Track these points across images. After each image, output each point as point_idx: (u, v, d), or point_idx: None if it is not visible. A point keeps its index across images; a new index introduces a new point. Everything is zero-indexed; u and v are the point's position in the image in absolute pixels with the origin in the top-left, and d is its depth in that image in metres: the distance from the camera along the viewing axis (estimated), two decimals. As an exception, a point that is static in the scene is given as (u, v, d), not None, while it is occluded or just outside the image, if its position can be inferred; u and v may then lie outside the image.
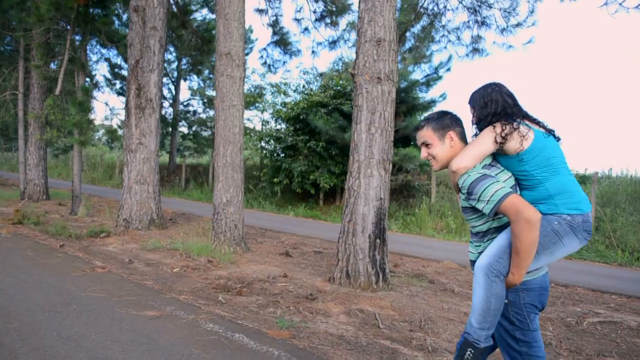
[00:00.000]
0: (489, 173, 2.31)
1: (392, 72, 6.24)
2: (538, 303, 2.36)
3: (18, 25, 13.77)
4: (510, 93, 2.49)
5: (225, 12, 8.08)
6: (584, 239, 2.30)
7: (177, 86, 26.03)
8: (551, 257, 2.32)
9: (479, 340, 2.29)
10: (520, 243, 2.15)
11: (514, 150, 2.32)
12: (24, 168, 14.41)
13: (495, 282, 2.26)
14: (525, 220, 2.11)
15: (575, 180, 2.36)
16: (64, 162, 30.04)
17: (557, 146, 2.40)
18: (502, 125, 2.34)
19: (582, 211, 2.27)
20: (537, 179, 2.32)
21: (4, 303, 4.80)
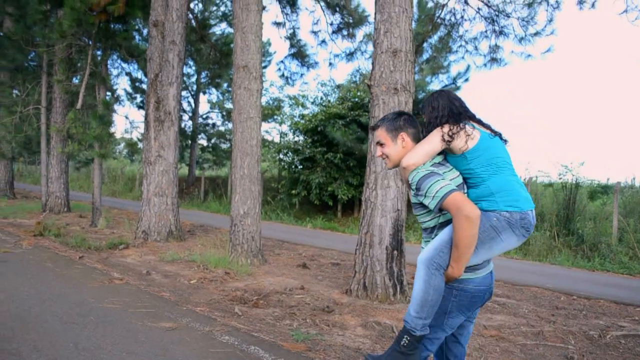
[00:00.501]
0: (437, 171, 2.40)
1: (409, 82, 6.21)
2: (469, 305, 2.46)
3: (41, 41, 14.05)
4: (457, 97, 2.63)
5: (243, 26, 8.15)
6: (522, 236, 2.39)
7: (196, 99, 26.30)
8: (490, 252, 2.41)
9: (415, 328, 2.36)
10: (459, 238, 2.23)
11: (461, 149, 2.43)
12: (46, 181, 14.61)
13: (434, 275, 2.33)
14: (464, 217, 2.20)
15: (518, 181, 2.47)
16: (85, 174, 30.47)
17: (502, 147, 2.52)
18: (450, 125, 2.46)
19: (521, 209, 2.36)
20: (481, 177, 2.43)
21: (23, 314, 4.85)
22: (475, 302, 2.47)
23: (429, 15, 13.06)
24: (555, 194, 13.65)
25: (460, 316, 2.47)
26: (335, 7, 13.77)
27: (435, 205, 2.30)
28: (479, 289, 2.45)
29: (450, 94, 2.65)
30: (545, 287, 7.57)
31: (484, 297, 2.50)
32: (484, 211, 2.37)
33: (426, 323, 2.37)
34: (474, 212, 2.21)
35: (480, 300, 2.49)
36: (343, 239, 12.38)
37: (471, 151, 2.43)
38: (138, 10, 11.34)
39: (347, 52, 14.78)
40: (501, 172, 2.43)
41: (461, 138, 2.42)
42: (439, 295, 2.35)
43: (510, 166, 2.49)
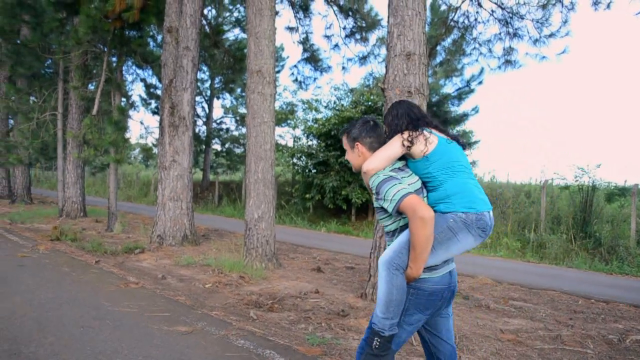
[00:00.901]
0: (395, 175, 2.50)
1: (423, 85, 6.18)
2: (428, 304, 2.52)
3: (57, 49, 14.22)
4: (416, 106, 2.77)
5: (256, 31, 8.19)
6: (479, 236, 2.48)
7: (210, 104, 26.46)
8: (447, 252, 2.48)
9: (383, 329, 2.44)
10: (415, 239, 2.32)
11: (420, 153, 2.53)
12: (62, 186, 14.77)
13: (395, 275, 2.42)
14: (419, 218, 2.29)
15: (475, 184, 2.56)
16: (100, 179, 30.77)
17: (460, 152, 2.63)
18: (409, 131, 2.56)
19: (477, 210, 2.45)
20: (438, 180, 2.52)
21: (40, 318, 4.90)
22: (434, 300, 2.52)
23: (442, 18, 13.02)
24: (571, 196, 13.51)
25: (418, 314, 2.52)
26: (348, 11, 13.79)
27: (393, 208, 2.39)
28: (436, 288, 2.51)
29: (410, 103, 2.78)
30: (563, 291, 7.48)
31: (443, 296, 2.55)
32: (441, 213, 2.47)
33: (394, 323, 2.45)
34: (428, 213, 2.30)
35: (440, 298, 2.54)
36: (357, 243, 12.35)
37: (430, 155, 2.52)
38: (152, 17, 11.44)
39: (360, 56, 14.79)
40: (458, 176, 2.52)
41: (421, 142, 2.52)
42: (402, 294, 2.43)
43: (467, 170, 2.58)
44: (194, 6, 10.13)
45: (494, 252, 11.65)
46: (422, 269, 2.42)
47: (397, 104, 2.77)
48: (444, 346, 2.75)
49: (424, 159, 2.53)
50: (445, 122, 15.65)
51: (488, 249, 11.88)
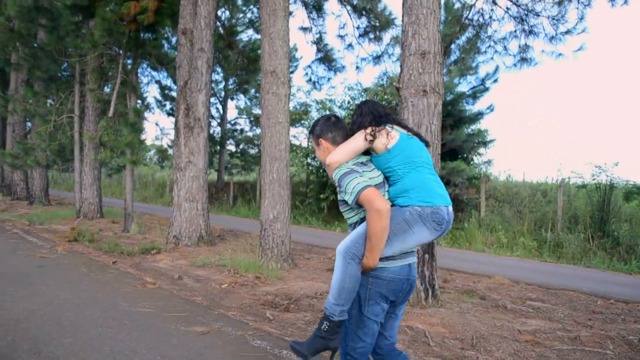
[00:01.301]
0: (357, 169, 2.59)
1: (438, 84, 6.15)
2: (388, 293, 2.59)
3: (73, 52, 14.37)
4: (381, 104, 2.87)
5: (270, 31, 8.20)
6: (434, 229, 2.55)
7: (224, 105, 26.58)
8: (403, 244, 2.55)
9: (333, 314, 2.52)
10: (371, 230, 2.42)
11: (382, 146, 2.62)
12: (79, 187, 14.92)
13: (350, 264, 2.50)
14: (375, 210, 2.39)
15: (435, 179, 2.65)
16: (116, 181, 31.06)
17: (421, 148, 2.72)
18: (372, 127, 2.67)
19: (433, 204, 2.53)
20: (398, 175, 2.61)
21: (59, 318, 4.95)
22: (393, 289, 2.60)
23: (456, 17, 12.95)
24: (588, 195, 13.37)
25: (380, 304, 2.60)
26: (362, 10, 13.77)
27: (352, 200, 2.49)
28: (396, 277, 2.59)
29: (375, 102, 2.88)
30: (581, 291, 7.40)
31: (402, 287, 2.62)
32: (400, 206, 2.56)
33: (344, 309, 2.53)
34: (383, 206, 2.40)
35: (400, 289, 2.62)
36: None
37: (391, 150, 2.62)
38: (167, 19, 11.52)
39: (374, 55, 14.78)
40: (417, 170, 2.60)
41: (383, 136, 2.62)
42: (354, 282, 2.51)
43: (427, 165, 2.67)
44: (208, 8, 10.18)
45: (510, 251, 11.55)
46: (378, 259, 2.50)
47: (363, 103, 2.87)
48: (383, 341, 2.82)
49: (386, 152, 2.62)
50: (459, 120, 15.54)
51: (504, 249, 11.79)
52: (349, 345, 2.64)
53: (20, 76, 19.25)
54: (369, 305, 2.58)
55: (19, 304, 5.40)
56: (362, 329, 2.61)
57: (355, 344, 2.62)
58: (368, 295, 2.58)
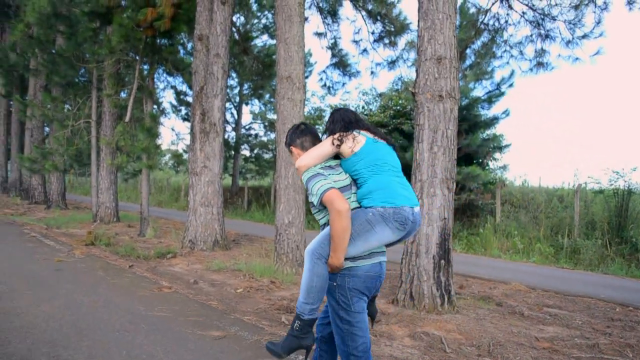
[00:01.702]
0: (322, 172, 2.72)
1: (454, 89, 6.14)
2: (364, 289, 2.71)
3: (91, 57, 14.56)
4: (352, 111, 3.01)
5: (285, 37, 8.24)
6: (397, 229, 2.66)
7: (239, 110, 26.71)
8: (367, 243, 2.66)
9: (303, 312, 2.65)
10: (333, 230, 2.53)
11: (348, 150, 2.74)
12: (96, 192, 15.06)
13: (317, 264, 2.62)
14: (336, 211, 2.51)
15: (400, 181, 2.77)
16: (132, 185, 31.31)
17: (387, 151, 2.84)
18: (340, 132, 2.80)
19: (395, 205, 2.64)
20: (364, 177, 2.73)
21: (77, 321, 5.00)
22: (368, 286, 2.73)
23: (471, 21, 12.91)
24: (606, 200, 13.21)
25: (361, 299, 2.72)
26: (377, 16, 13.78)
27: (317, 201, 2.62)
28: (369, 274, 2.72)
29: (346, 109, 3.02)
30: (599, 298, 7.31)
31: (375, 284, 2.77)
32: (365, 207, 2.68)
33: (314, 308, 2.66)
34: (343, 206, 2.51)
35: (372, 286, 2.75)
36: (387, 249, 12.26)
37: (358, 153, 2.74)
38: (183, 25, 11.63)
39: (389, 61, 14.77)
40: (382, 173, 2.73)
41: (349, 141, 2.75)
42: (322, 281, 2.63)
43: (393, 168, 2.80)
44: (224, 14, 10.26)
45: (526, 257, 11.45)
46: (343, 258, 2.61)
47: (335, 111, 3.01)
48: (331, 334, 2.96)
49: (353, 156, 2.75)
50: (475, 125, 15.45)
51: (520, 255, 11.69)
52: (350, 346, 2.70)
53: (39, 82, 19.53)
54: (353, 303, 2.68)
55: (38, 307, 5.47)
56: (356, 325, 2.69)
57: (356, 343, 2.69)
58: (349, 294, 2.68)
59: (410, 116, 16.15)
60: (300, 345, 2.68)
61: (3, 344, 4.26)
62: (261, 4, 21.20)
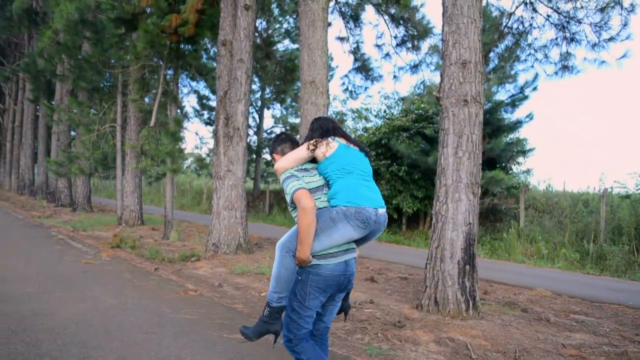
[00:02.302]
0: (296, 174, 3.00)
1: (479, 93, 6.11)
2: (325, 287, 2.94)
3: (117, 63, 14.82)
4: (331, 121, 3.29)
5: (309, 42, 8.29)
6: (358, 227, 2.90)
7: (260, 114, 26.88)
8: (330, 239, 2.89)
9: (272, 300, 2.97)
10: (299, 225, 2.82)
11: (321, 154, 3.03)
12: (121, 195, 15.30)
13: (285, 257, 2.92)
14: (302, 208, 2.79)
15: (366, 185, 3.03)
16: (155, 189, 31.67)
17: (357, 156, 3.12)
18: (316, 139, 3.09)
19: (357, 204, 2.88)
20: (333, 179, 3.00)
21: (106, 322, 5.09)
22: (331, 285, 2.95)
23: (494, 25, 12.81)
24: (633, 205, 12.99)
25: (318, 297, 2.96)
26: (400, 20, 13.76)
27: (289, 199, 2.91)
28: (331, 274, 2.93)
29: (325, 118, 3.33)
30: (627, 305, 7.18)
31: (339, 281, 2.98)
32: (331, 206, 2.93)
33: (282, 296, 2.96)
34: (308, 204, 2.78)
35: (336, 283, 2.98)
36: (409, 253, 12.24)
37: (330, 157, 3.02)
38: (207, 31, 11.77)
39: (412, 65, 14.73)
40: (349, 176, 2.99)
41: (322, 146, 3.03)
42: (290, 273, 2.92)
43: (360, 171, 3.06)
44: (248, 19, 10.35)
45: (551, 263, 11.31)
46: (309, 252, 2.84)
47: (315, 120, 3.29)
48: (319, 324, 3.22)
49: (325, 160, 3.03)
50: (498, 129, 15.29)
51: (545, 260, 11.55)
52: (292, 332, 3.00)
53: (65, 87, 19.94)
54: (309, 299, 2.94)
55: (68, 309, 5.58)
56: (303, 318, 2.97)
57: (298, 331, 2.99)
58: (308, 291, 2.93)
59: (433, 120, 16.08)
60: (269, 330, 3.01)
61: (36, 344, 4.36)
62: (283, 9, 21.32)
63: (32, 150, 27.23)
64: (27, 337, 4.55)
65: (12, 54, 30.91)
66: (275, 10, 21.49)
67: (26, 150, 27.17)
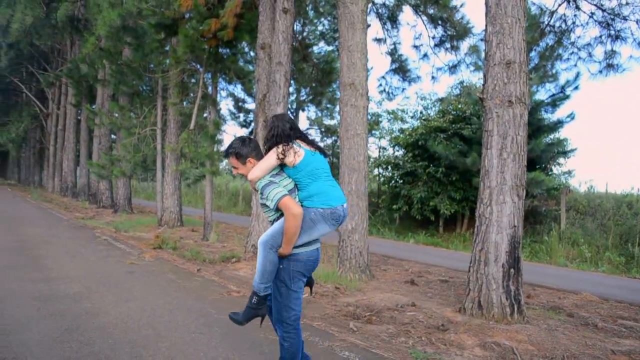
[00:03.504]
0: (274, 180, 3.34)
1: (524, 94, 6.02)
2: (304, 271, 3.41)
3: (157, 67, 15.12)
4: (290, 120, 3.53)
5: (349, 44, 8.30)
6: (332, 224, 3.37)
7: (296, 116, 26.97)
8: (309, 236, 3.35)
9: (259, 290, 3.36)
10: (288, 228, 3.21)
11: (291, 162, 3.34)
12: (161, 197, 15.56)
13: (269, 253, 3.29)
14: (292, 214, 3.19)
15: (331, 184, 3.42)
16: (193, 190, 32.12)
17: (321, 160, 3.48)
18: (283, 145, 3.34)
19: (331, 206, 3.32)
20: (304, 183, 3.36)
21: (154, 323, 5.20)
22: (308, 268, 3.43)
23: (535, 23, 12.55)
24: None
25: (301, 279, 3.41)
26: (438, 20, 13.63)
27: (274, 205, 3.25)
28: (309, 258, 3.42)
29: (285, 117, 3.56)
30: (679, 311, 6.96)
31: (313, 265, 3.48)
32: (305, 208, 3.30)
33: (267, 286, 3.36)
34: (297, 210, 3.20)
35: (311, 267, 3.46)
36: (447, 255, 12.12)
37: (299, 165, 3.34)
38: (246, 34, 11.89)
39: (450, 65, 14.55)
40: (319, 180, 3.36)
41: (290, 155, 3.32)
42: (273, 266, 3.32)
43: (326, 174, 3.43)
44: (286, 22, 10.39)
45: (595, 266, 11.04)
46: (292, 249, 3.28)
47: (275, 119, 3.52)
48: None
49: (294, 168, 3.35)
50: (538, 129, 15.00)
51: (588, 264, 11.27)
52: (283, 316, 3.38)
53: (107, 91, 20.45)
54: (294, 282, 3.36)
55: (116, 308, 5.73)
56: (292, 300, 3.38)
57: (289, 314, 3.38)
58: (292, 275, 3.35)
59: (471, 121, 15.89)
60: (257, 314, 3.43)
61: (88, 343, 4.50)
62: (318, 11, 21.38)
63: (74, 154, 28.00)
64: (81, 335, 4.69)
65: (55, 60, 31.88)
66: (311, 12, 21.58)
67: (69, 153, 27.95)
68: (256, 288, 3.36)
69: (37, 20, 22.98)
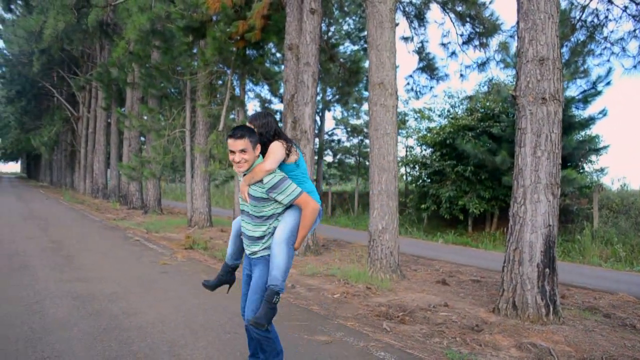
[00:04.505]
0: (286, 175, 3.37)
1: (558, 91, 5.93)
2: None
3: (185, 70, 15.30)
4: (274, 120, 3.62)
5: (377, 44, 8.28)
6: (318, 219, 3.53)
7: (322, 117, 27.04)
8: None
9: (283, 288, 3.38)
10: (308, 222, 3.36)
11: (293, 160, 3.48)
12: (190, 198, 15.75)
13: (291, 249, 3.38)
14: (312, 209, 3.35)
15: None
16: (221, 191, 32.45)
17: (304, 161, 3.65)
18: (287, 142, 3.46)
19: (319, 203, 3.48)
20: (299, 180, 3.47)
21: (190, 322, 5.28)
22: None
23: (566, 18, 12.35)
24: None
25: None
26: (466, 17, 13.51)
27: (290, 200, 3.32)
28: None
29: (273, 115, 3.69)
30: None
31: None
32: None
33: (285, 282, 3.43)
34: (317, 205, 3.37)
35: None
36: (478, 255, 11.99)
37: (297, 163, 3.50)
38: (273, 36, 11.97)
39: (479, 62, 14.41)
40: (308, 178, 3.58)
41: (293, 154, 3.48)
42: (292, 262, 3.48)
43: None
44: (313, 23, 10.44)
45: (630, 266, 10.79)
46: None
47: (267, 114, 3.64)
48: None
49: (294, 164, 3.49)
50: (569, 126, 14.71)
51: (623, 263, 11.03)
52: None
53: (136, 94, 20.79)
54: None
55: (152, 308, 5.83)
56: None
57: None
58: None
59: (499, 119, 15.69)
60: (275, 312, 3.43)
61: (127, 342, 4.58)
62: (343, 11, 21.39)
63: (104, 156, 28.50)
64: (119, 335, 4.79)
65: (85, 64, 32.51)
66: (336, 12, 21.61)
67: (99, 155, 28.47)
68: (280, 286, 3.35)
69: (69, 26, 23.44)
